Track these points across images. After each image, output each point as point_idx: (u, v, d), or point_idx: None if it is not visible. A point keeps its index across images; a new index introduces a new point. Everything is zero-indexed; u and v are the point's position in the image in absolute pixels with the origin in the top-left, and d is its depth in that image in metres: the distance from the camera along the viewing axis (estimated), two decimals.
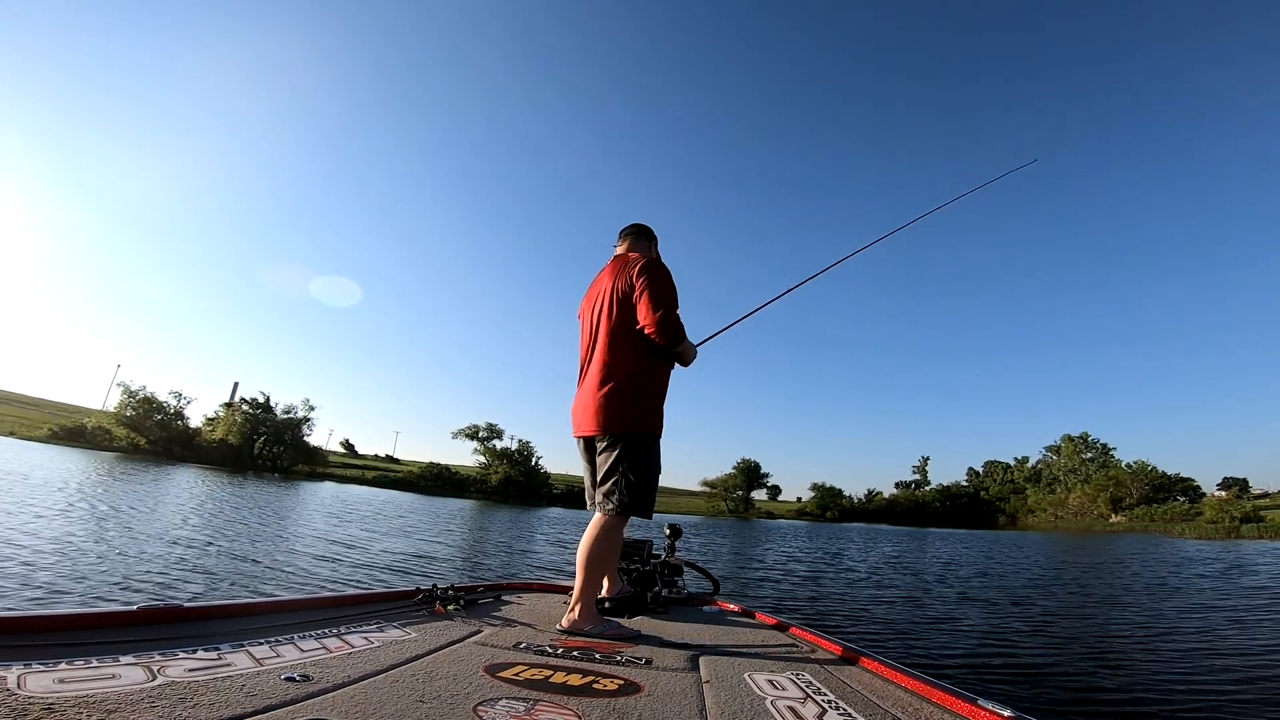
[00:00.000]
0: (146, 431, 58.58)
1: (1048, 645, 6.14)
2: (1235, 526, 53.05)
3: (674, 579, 3.54)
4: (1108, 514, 77.28)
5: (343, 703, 1.31)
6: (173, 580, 6.10)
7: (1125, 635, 6.77)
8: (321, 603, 2.43)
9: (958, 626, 7.03)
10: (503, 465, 71.56)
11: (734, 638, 2.56)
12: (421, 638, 2.03)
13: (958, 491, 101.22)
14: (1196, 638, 6.67)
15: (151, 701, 1.16)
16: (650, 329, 2.55)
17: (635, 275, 2.62)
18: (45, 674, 1.24)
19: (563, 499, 73.06)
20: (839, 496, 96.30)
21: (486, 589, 3.15)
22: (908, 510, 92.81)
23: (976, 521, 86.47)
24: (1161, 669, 5.24)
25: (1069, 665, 5.33)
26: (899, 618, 7.52)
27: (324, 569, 7.79)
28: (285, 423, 66.02)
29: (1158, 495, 76.71)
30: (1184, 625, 7.35)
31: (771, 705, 1.59)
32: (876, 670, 2.03)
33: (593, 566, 2.47)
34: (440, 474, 70.87)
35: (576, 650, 2.05)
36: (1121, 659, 5.64)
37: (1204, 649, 6.09)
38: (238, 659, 1.52)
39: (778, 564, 13.88)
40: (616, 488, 2.50)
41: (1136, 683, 4.80)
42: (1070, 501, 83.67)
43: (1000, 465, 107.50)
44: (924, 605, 8.58)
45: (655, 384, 2.65)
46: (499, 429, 73.98)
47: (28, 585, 5.13)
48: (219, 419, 65.23)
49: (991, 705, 1.54)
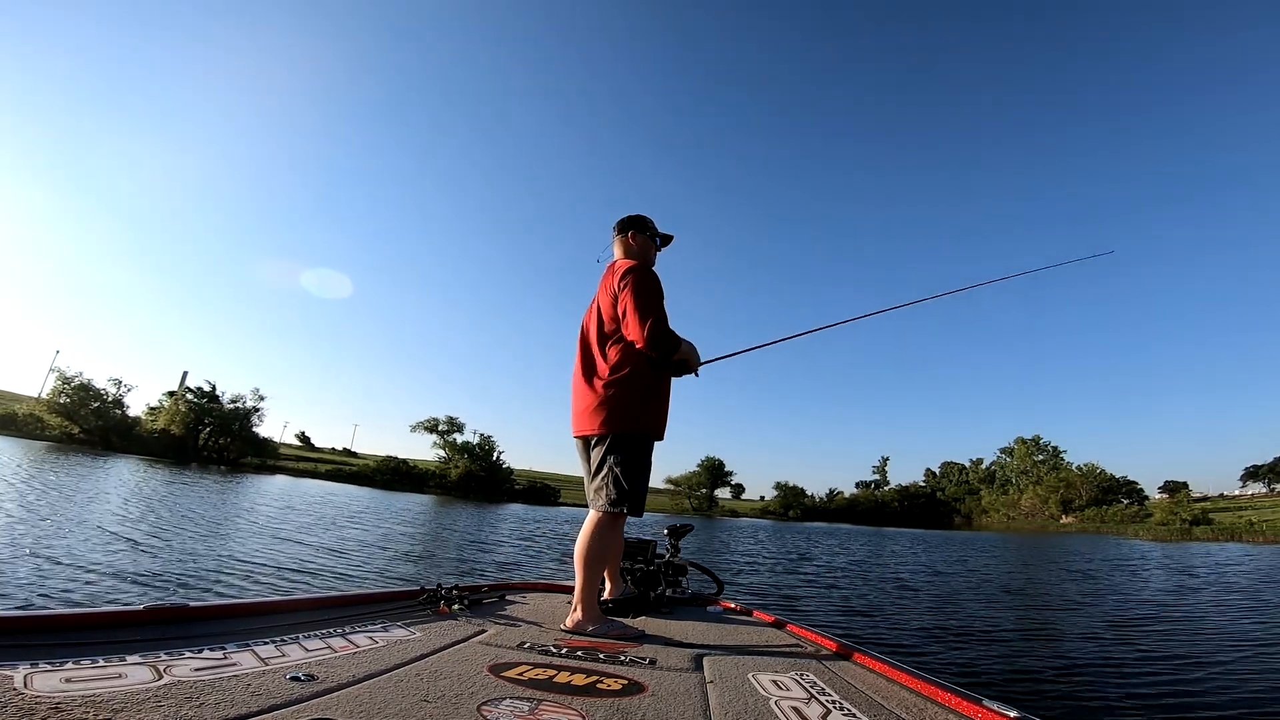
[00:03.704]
0: (82, 420, 56.17)
1: (1046, 648, 6.06)
2: (1187, 528, 54.92)
3: (678, 579, 3.54)
4: (1058, 515, 79.87)
5: (348, 702, 1.31)
6: (54, 588, 5.15)
7: (1123, 638, 6.69)
8: (326, 602, 2.42)
9: (947, 627, 6.92)
10: (463, 460, 69.87)
11: (738, 638, 2.56)
12: (426, 637, 2.02)
13: (916, 492, 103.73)
14: (1204, 637, 6.70)
15: (158, 701, 1.17)
16: (640, 343, 2.52)
17: (619, 287, 2.59)
18: (52, 673, 1.24)
19: (525, 495, 71.97)
20: (802, 496, 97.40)
21: (491, 589, 3.14)
22: (868, 510, 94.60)
23: (933, 522, 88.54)
24: (1162, 670, 5.24)
25: (1071, 670, 5.23)
26: (882, 617, 7.49)
27: (231, 571, 6.83)
28: (233, 413, 63.44)
29: (1106, 497, 79.65)
30: (1187, 629, 7.26)
31: (775, 705, 1.58)
32: (880, 670, 2.02)
33: (590, 565, 2.47)
34: (398, 468, 68.53)
35: (580, 650, 2.05)
36: (1116, 661, 5.57)
37: (1200, 650, 6.07)
38: (243, 658, 1.52)
39: (758, 561, 13.60)
40: (605, 484, 2.51)
41: (1128, 683, 4.79)
42: (1023, 503, 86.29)
43: (956, 466, 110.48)
44: (907, 606, 8.38)
45: (647, 385, 2.61)
46: (460, 422, 72.42)
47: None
48: (161, 408, 62.25)
49: (996, 706, 1.52)
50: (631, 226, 2.89)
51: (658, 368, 2.63)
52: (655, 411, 2.64)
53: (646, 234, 2.90)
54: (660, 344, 2.52)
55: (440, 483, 66.54)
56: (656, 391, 2.65)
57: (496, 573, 8.55)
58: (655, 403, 2.64)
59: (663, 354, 2.56)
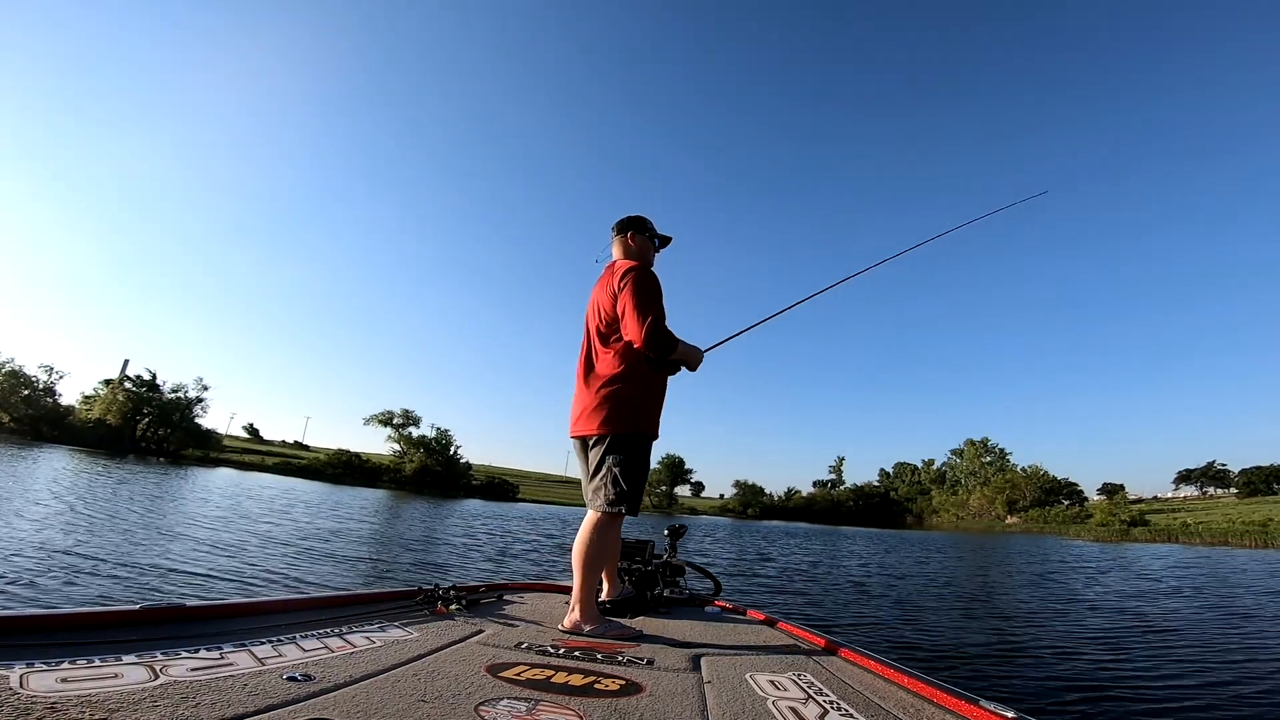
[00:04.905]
0: (10, 408, 54.40)
1: (1030, 650, 6.12)
2: (1125, 529, 57.17)
3: (675, 579, 3.54)
4: (1004, 516, 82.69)
5: (344, 702, 1.30)
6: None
7: (1104, 638, 6.79)
8: (323, 602, 2.41)
9: (926, 629, 6.98)
10: (419, 454, 68.67)
11: (735, 638, 2.55)
12: (423, 637, 2.01)
13: (870, 491, 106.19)
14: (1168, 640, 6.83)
15: (154, 701, 1.16)
16: (639, 343, 2.51)
17: (618, 287, 2.59)
18: (48, 673, 1.24)
19: (483, 491, 71.04)
20: (760, 494, 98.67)
21: (488, 589, 3.13)
22: (824, 509, 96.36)
23: (886, 521, 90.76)
24: (1143, 670, 5.35)
25: (1062, 670, 5.30)
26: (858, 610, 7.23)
27: (125, 573, 6.45)
28: (174, 403, 61.32)
29: (1048, 498, 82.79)
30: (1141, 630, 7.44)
31: (773, 706, 1.58)
32: (877, 670, 2.01)
33: (589, 565, 2.47)
34: (350, 461, 66.82)
35: (578, 650, 2.04)
36: (1103, 661, 5.64)
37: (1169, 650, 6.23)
38: (240, 658, 1.51)
39: (717, 559, 13.33)
40: (604, 484, 2.52)
41: (1122, 687, 4.82)
42: (971, 503, 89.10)
43: (909, 467, 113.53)
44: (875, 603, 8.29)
45: (644, 386, 2.62)
46: (416, 416, 71.33)
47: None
48: (97, 397, 59.44)
49: (993, 706, 1.52)
50: (631, 227, 2.90)
51: (657, 368, 2.64)
52: (652, 411, 2.66)
53: (645, 235, 2.90)
54: (659, 344, 2.52)
55: (394, 477, 65.35)
56: (654, 391, 2.66)
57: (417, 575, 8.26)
58: (652, 402, 2.66)
59: (661, 354, 2.56)
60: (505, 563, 10.40)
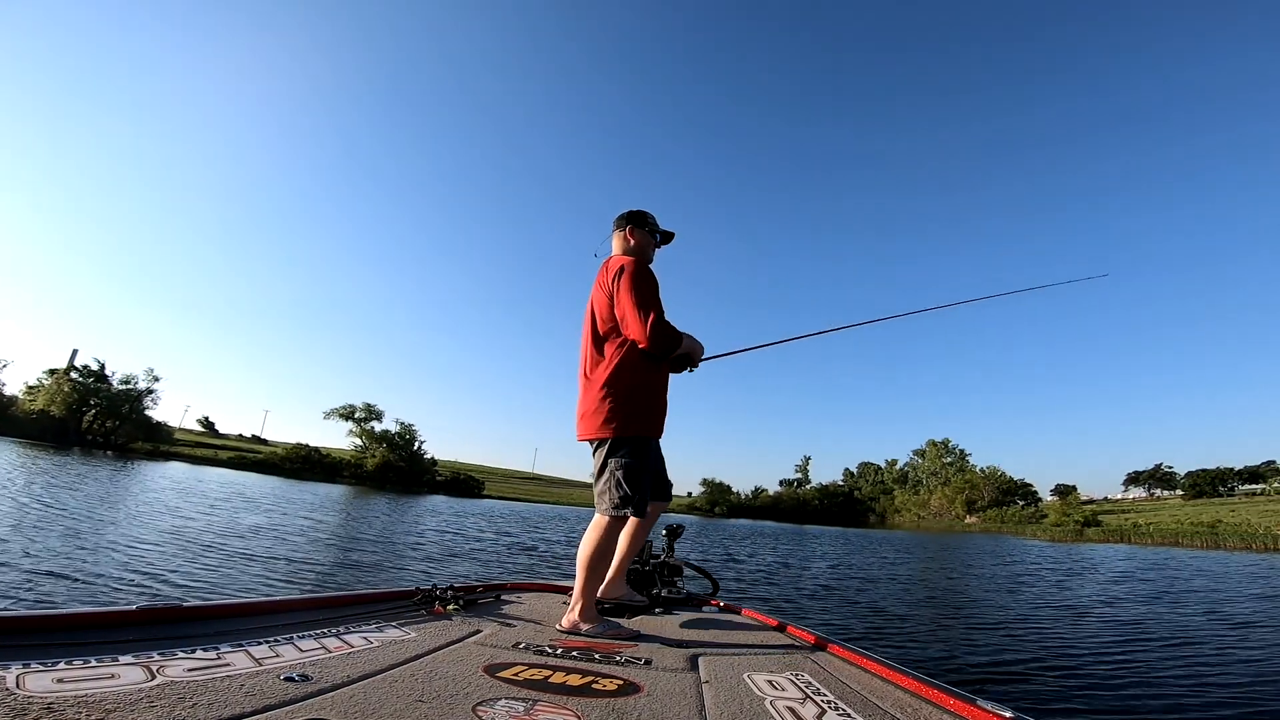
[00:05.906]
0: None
1: (1016, 647, 6.26)
2: (1079, 530, 58.54)
3: (673, 579, 3.52)
4: (963, 515, 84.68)
5: (342, 703, 1.30)
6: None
7: (1091, 636, 6.97)
8: (320, 603, 2.39)
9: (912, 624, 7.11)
10: (381, 449, 67.35)
11: (733, 638, 2.55)
12: (421, 638, 2.00)
13: (835, 491, 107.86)
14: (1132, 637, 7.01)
15: (151, 701, 1.16)
16: (643, 343, 2.49)
17: (613, 286, 2.56)
18: (44, 674, 1.23)
19: (447, 487, 70.04)
20: (728, 493, 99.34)
21: (486, 589, 3.11)
22: (790, 508, 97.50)
23: (850, 520, 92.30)
24: (1125, 670, 5.45)
25: (1054, 669, 5.38)
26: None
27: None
28: (123, 394, 59.06)
29: (1005, 499, 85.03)
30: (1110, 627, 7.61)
31: (771, 705, 1.57)
32: (875, 670, 1.99)
33: (591, 566, 2.45)
34: (308, 456, 65.16)
35: (576, 650, 2.03)
36: (1095, 661, 5.74)
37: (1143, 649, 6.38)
38: (237, 659, 1.51)
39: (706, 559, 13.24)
40: (608, 488, 2.50)
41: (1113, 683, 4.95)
42: (932, 503, 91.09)
43: (873, 466, 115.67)
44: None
45: (645, 387, 2.58)
46: (378, 410, 69.80)
47: None
48: (41, 387, 56.98)
49: (990, 705, 1.52)
50: (631, 222, 2.84)
51: (660, 364, 2.61)
52: (653, 411, 2.61)
53: (646, 229, 2.85)
54: (663, 341, 2.49)
55: (355, 472, 63.91)
56: (654, 390, 2.62)
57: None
58: (653, 402, 2.61)
59: (666, 351, 2.53)
60: (449, 563, 10.09)
